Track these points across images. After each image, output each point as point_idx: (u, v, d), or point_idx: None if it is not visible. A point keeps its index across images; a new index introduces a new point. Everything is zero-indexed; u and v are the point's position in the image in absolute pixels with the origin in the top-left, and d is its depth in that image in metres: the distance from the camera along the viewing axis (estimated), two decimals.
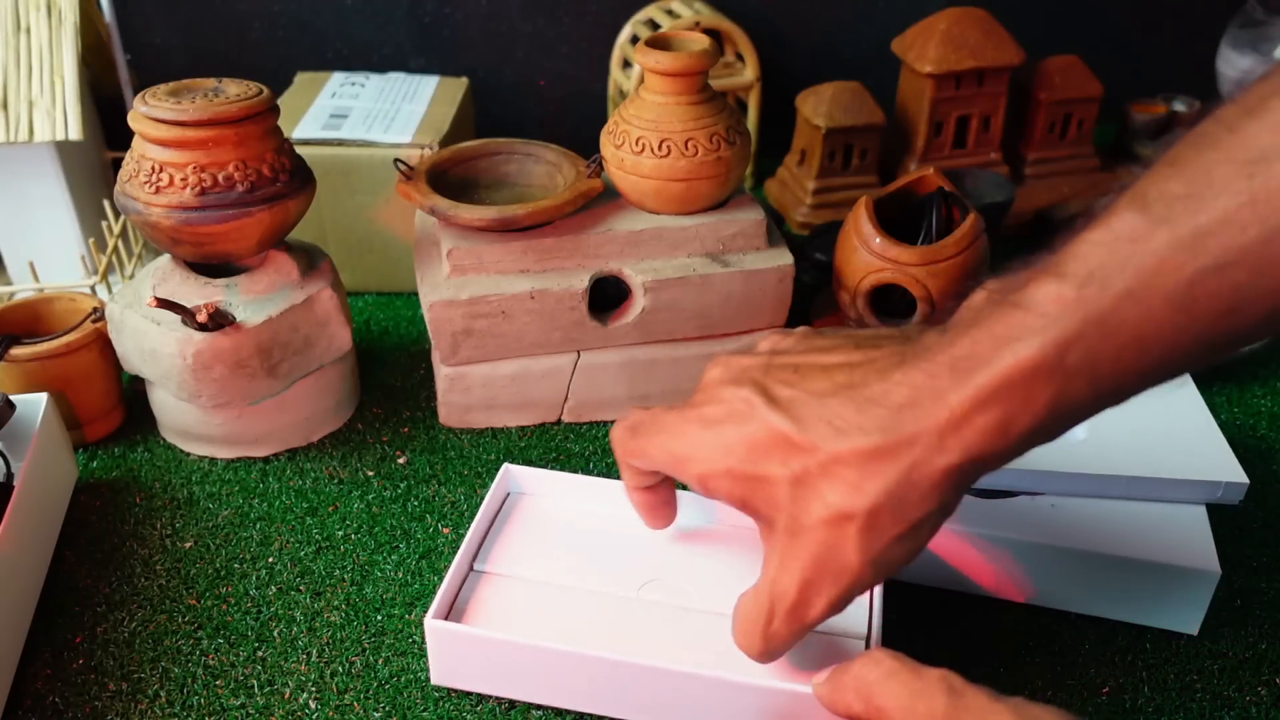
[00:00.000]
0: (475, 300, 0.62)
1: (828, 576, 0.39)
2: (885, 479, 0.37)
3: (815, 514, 0.38)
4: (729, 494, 0.41)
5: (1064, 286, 0.35)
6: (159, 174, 0.57)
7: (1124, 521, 0.52)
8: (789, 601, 0.40)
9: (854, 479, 0.37)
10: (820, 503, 0.38)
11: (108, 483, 0.63)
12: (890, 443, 0.37)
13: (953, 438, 0.36)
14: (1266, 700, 0.48)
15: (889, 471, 0.37)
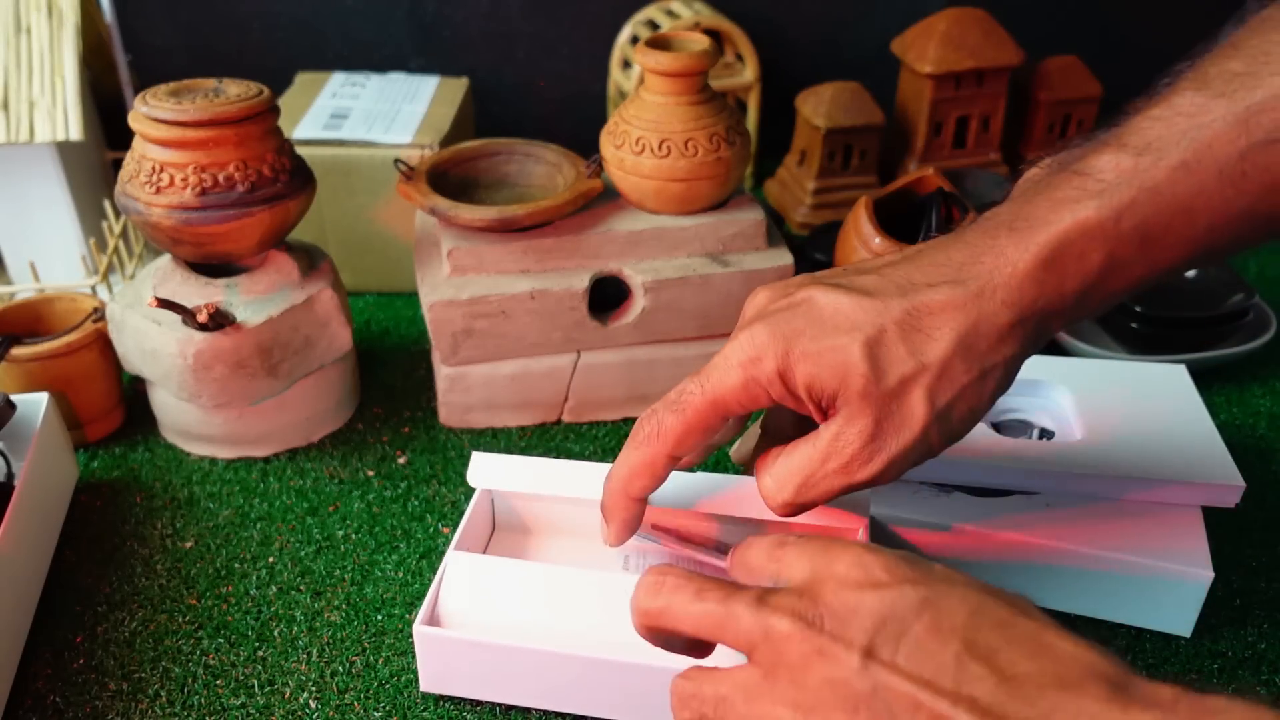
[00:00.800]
0: (475, 300, 0.62)
1: (892, 430, 0.39)
2: (955, 329, 0.39)
3: (890, 371, 0.39)
4: (804, 376, 0.40)
5: (1123, 156, 0.38)
6: (159, 174, 0.57)
7: (1118, 522, 0.52)
8: (849, 452, 0.40)
9: (928, 328, 0.39)
10: (894, 359, 0.39)
11: (108, 482, 0.63)
12: (958, 296, 0.39)
13: (1016, 292, 0.38)
14: (1266, 700, 0.48)
15: (959, 322, 0.39)
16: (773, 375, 0.40)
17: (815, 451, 0.41)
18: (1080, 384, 0.59)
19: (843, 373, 0.39)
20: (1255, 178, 0.36)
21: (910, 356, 0.39)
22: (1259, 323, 0.72)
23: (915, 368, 0.39)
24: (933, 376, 0.39)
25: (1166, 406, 0.57)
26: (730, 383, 0.41)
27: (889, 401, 0.39)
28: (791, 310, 0.41)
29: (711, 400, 0.42)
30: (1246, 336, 0.71)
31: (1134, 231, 0.38)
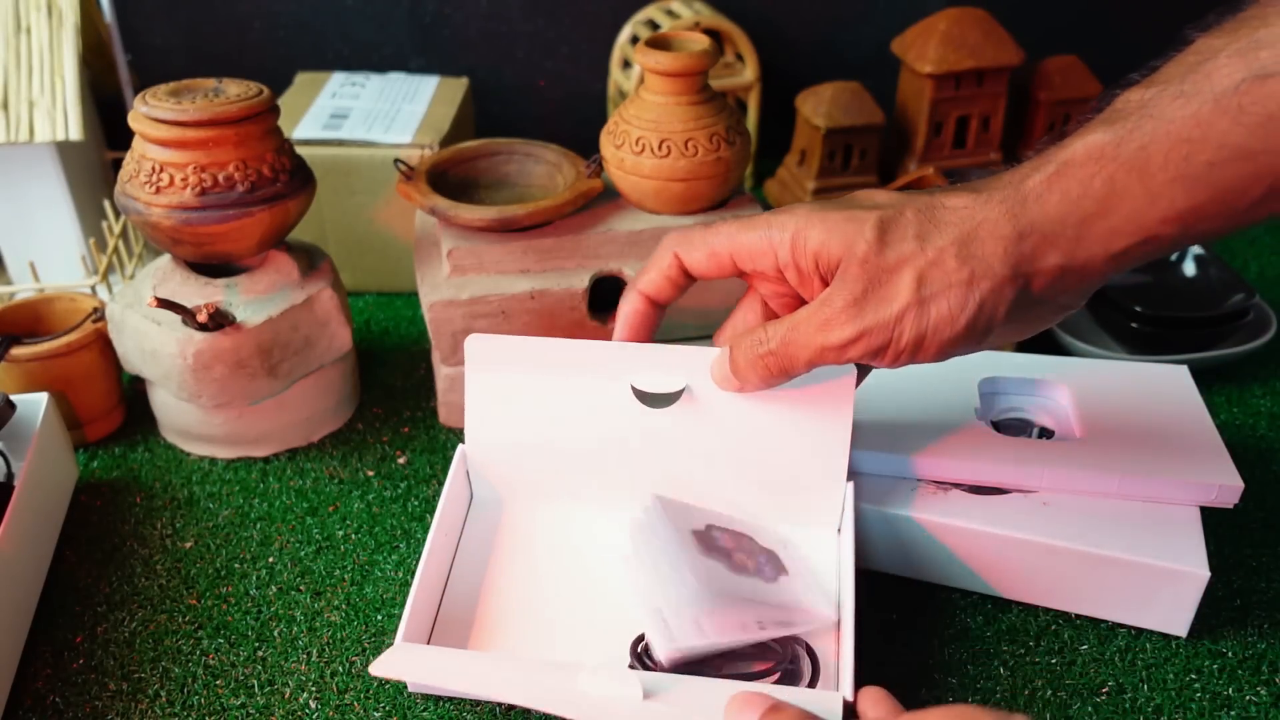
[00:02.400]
0: (475, 300, 0.62)
1: (875, 301, 0.42)
2: (960, 225, 0.41)
3: (892, 246, 0.42)
4: (814, 242, 0.44)
5: (1135, 90, 0.40)
6: (159, 174, 0.57)
7: (1115, 520, 0.52)
8: (829, 311, 0.43)
9: (938, 220, 0.42)
10: (901, 237, 0.42)
11: (108, 483, 0.63)
12: (971, 200, 0.42)
13: (1018, 204, 0.41)
14: (1266, 700, 0.48)
15: (964, 220, 0.41)
16: (786, 238, 0.45)
17: (803, 310, 0.44)
18: (1080, 383, 0.59)
19: (851, 240, 0.42)
20: (1251, 110, 0.36)
21: (915, 239, 0.42)
22: (1259, 323, 0.72)
23: (914, 250, 0.41)
24: (926, 261, 0.41)
25: (1166, 406, 0.57)
26: (753, 236, 0.46)
27: (881, 273, 0.42)
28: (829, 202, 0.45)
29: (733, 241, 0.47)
30: (1246, 336, 0.71)
31: (1134, 156, 0.39)
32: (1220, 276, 0.73)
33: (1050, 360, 0.62)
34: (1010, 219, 0.41)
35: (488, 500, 0.57)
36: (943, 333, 0.42)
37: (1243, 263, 0.86)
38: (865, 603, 0.52)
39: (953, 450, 0.54)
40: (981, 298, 0.41)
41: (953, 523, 0.52)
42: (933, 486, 0.54)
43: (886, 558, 0.54)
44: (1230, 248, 0.89)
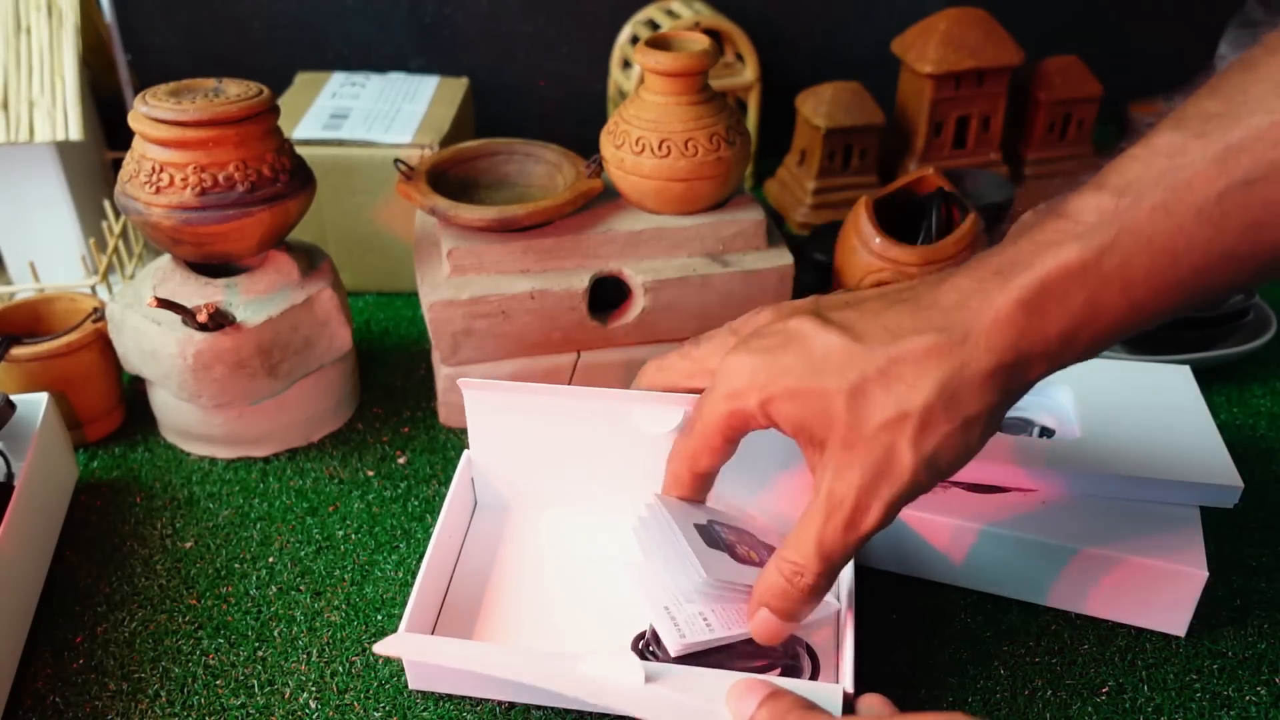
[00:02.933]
0: (475, 300, 0.62)
1: (884, 480, 0.40)
2: (939, 375, 0.39)
3: (872, 420, 0.40)
4: (787, 417, 0.42)
5: (1103, 197, 0.38)
6: (159, 174, 0.57)
7: (1114, 520, 0.52)
8: (848, 507, 0.40)
9: (910, 378, 0.39)
10: (876, 408, 0.40)
11: (108, 483, 0.63)
12: (943, 341, 0.39)
13: (998, 336, 0.39)
14: (1266, 700, 0.48)
15: (943, 368, 0.39)
16: (755, 410, 0.42)
17: (817, 513, 0.41)
18: (1081, 383, 0.59)
19: (827, 420, 0.41)
20: (1235, 217, 0.35)
21: (892, 405, 0.39)
22: (1259, 323, 0.72)
23: (897, 415, 0.39)
24: (915, 425, 0.39)
25: (1167, 406, 0.57)
26: (719, 413, 0.44)
27: (874, 450, 0.40)
28: (784, 346, 0.42)
29: (712, 426, 0.45)
30: (1246, 336, 0.71)
31: (1116, 273, 0.37)
32: None
33: None
34: (988, 354, 0.39)
35: (492, 506, 0.57)
36: (957, 467, 0.41)
37: None
38: (865, 602, 0.52)
39: None
40: (983, 429, 0.40)
41: (953, 522, 0.52)
42: None
43: (886, 557, 0.54)
44: None
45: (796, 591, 0.42)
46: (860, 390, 0.40)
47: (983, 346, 0.39)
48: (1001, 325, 0.39)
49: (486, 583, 0.53)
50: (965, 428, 0.40)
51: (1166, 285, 0.37)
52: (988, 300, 0.39)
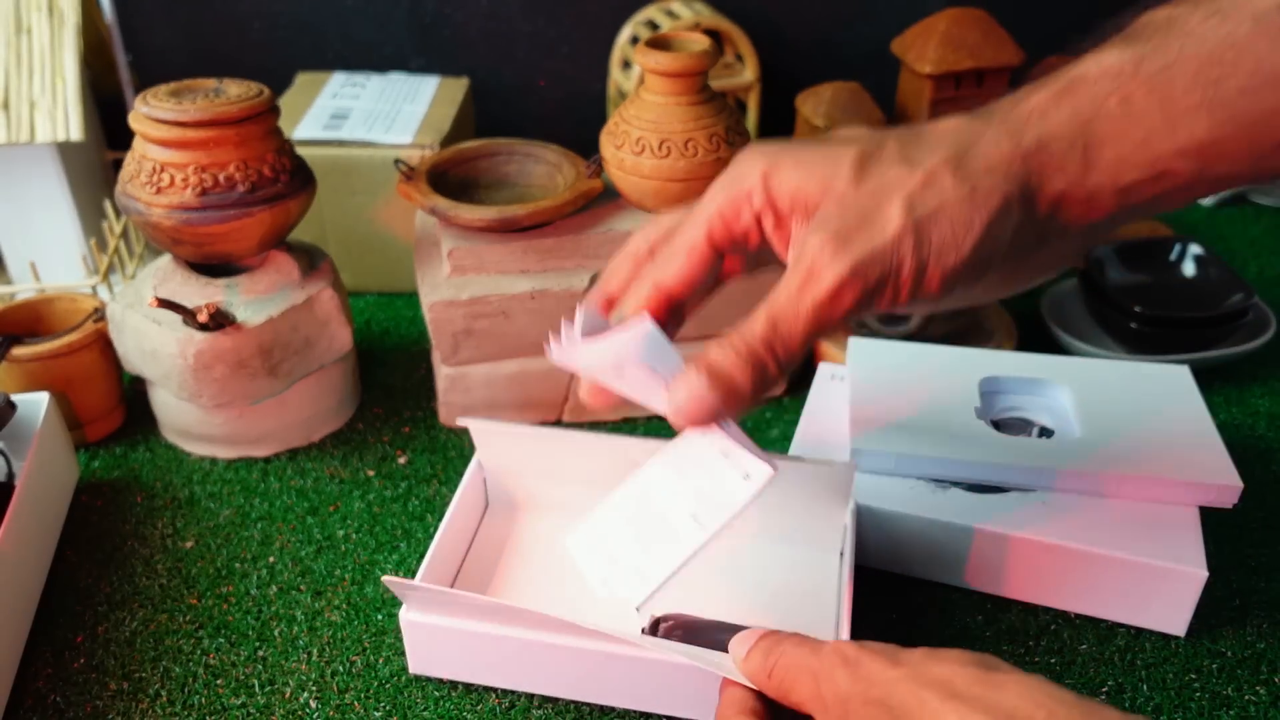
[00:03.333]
0: (475, 300, 0.62)
1: (857, 235, 0.35)
2: (953, 142, 0.36)
3: (873, 177, 0.36)
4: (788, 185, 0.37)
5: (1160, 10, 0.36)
6: (160, 174, 0.57)
7: (1114, 520, 0.52)
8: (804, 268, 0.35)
9: (929, 144, 0.36)
10: (883, 165, 0.36)
11: (109, 482, 0.63)
12: (963, 120, 0.37)
13: (1020, 121, 0.36)
14: (1265, 699, 0.49)
15: (957, 137, 0.36)
16: (757, 181, 0.38)
17: (785, 278, 0.37)
18: (1081, 383, 0.59)
19: (828, 179, 0.37)
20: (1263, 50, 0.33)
21: (900, 164, 0.36)
22: (1259, 323, 0.72)
23: (900, 175, 0.36)
24: (916, 183, 0.35)
25: (1167, 406, 0.57)
26: (715, 196, 0.39)
27: (861, 203, 0.36)
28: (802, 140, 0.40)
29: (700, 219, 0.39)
30: (1246, 336, 0.71)
31: (1157, 76, 0.34)
32: (1219, 276, 0.74)
33: (1050, 360, 0.62)
34: (1010, 136, 0.36)
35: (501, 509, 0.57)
36: (947, 259, 0.36)
37: (1242, 263, 0.86)
38: (865, 602, 0.52)
39: (953, 449, 0.54)
40: (988, 216, 0.35)
41: (952, 522, 0.52)
42: (933, 485, 0.54)
43: (886, 557, 0.54)
44: (1230, 247, 0.89)
45: (737, 360, 0.36)
46: (873, 152, 0.37)
47: (1004, 128, 0.36)
48: (1029, 113, 0.36)
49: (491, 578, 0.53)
50: (971, 200, 0.35)
51: (1206, 105, 0.34)
52: (1023, 96, 0.37)
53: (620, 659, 0.45)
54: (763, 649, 0.38)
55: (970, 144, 0.36)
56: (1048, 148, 0.36)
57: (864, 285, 0.35)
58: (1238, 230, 0.92)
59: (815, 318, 0.36)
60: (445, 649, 0.48)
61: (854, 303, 0.36)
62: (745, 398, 0.37)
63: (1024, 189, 0.36)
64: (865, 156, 0.37)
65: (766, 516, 0.54)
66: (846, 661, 0.35)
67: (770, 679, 0.38)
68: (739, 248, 0.40)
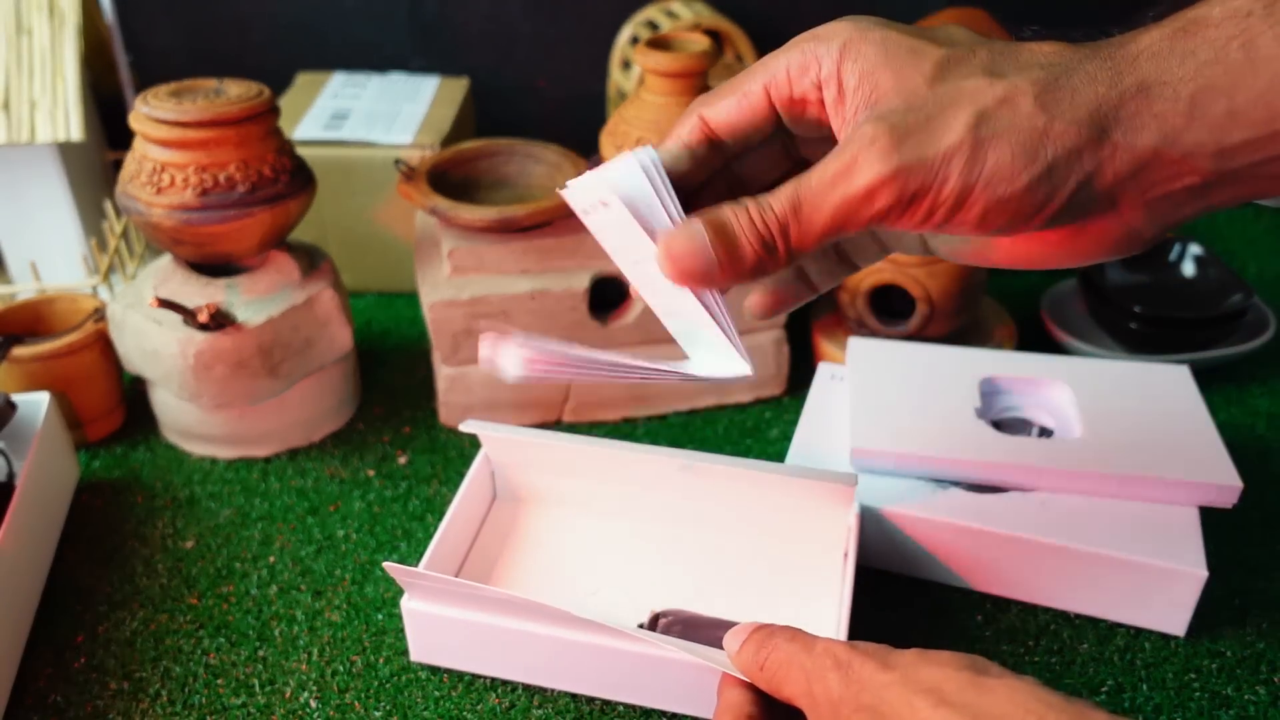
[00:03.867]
0: (476, 300, 0.62)
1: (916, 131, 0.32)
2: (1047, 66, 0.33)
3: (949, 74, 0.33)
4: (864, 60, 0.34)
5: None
6: (160, 174, 0.57)
7: (1114, 520, 0.52)
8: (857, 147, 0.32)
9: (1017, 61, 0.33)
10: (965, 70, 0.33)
11: (109, 482, 0.63)
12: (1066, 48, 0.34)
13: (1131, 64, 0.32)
14: (1264, 699, 0.49)
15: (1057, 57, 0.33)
16: (834, 49, 0.34)
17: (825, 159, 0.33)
18: (1080, 383, 0.59)
19: (905, 70, 0.33)
20: None
21: (984, 74, 0.32)
22: (1258, 323, 0.72)
23: (980, 85, 0.32)
24: (993, 99, 0.32)
25: (1167, 406, 0.57)
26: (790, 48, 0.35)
27: (931, 106, 0.32)
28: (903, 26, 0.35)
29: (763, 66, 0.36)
30: (1246, 336, 0.71)
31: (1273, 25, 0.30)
32: (1219, 277, 0.74)
33: (1050, 360, 0.62)
34: (1111, 74, 0.32)
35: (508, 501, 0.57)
36: (996, 189, 0.32)
37: (1241, 263, 0.86)
38: (864, 602, 0.52)
39: (953, 449, 0.54)
40: (1054, 156, 0.32)
41: (953, 522, 0.52)
42: (932, 485, 0.54)
43: (886, 556, 0.55)
44: (1230, 248, 0.89)
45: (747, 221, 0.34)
46: (961, 56, 0.33)
47: (1110, 63, 0.32)
48: (1139, 49, 0.32)
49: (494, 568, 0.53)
50: (1040, 133, 0.32)
51: None
52: (1137, 34, 0.33)
53: (620, 653, 0.45)
54: (755, 642, 0.39)
55: (1064, 73, 0.32)
56: (1149, 92, 0.32)
57: (901, 191, 0.33)
58: (1238, 230, 0.92)
59: (842, 212, 0.33)
60: (447, 638, 0.48)
61: (886, 208, 0.33)
62: (744, 269, 0.34)
63: (1108, 135, 0.32)
64: (950, 59, 0.33)
65: (769, 518, 0.54)
66: (838, 664, 0.36)
67: (762, 672, 0.38)
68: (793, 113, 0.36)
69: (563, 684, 0.48)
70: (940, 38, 0.34)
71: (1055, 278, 0.80)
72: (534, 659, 0.48)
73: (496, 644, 0.48)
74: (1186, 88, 0.31)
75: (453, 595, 0.47)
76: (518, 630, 0.46)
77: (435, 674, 0.50)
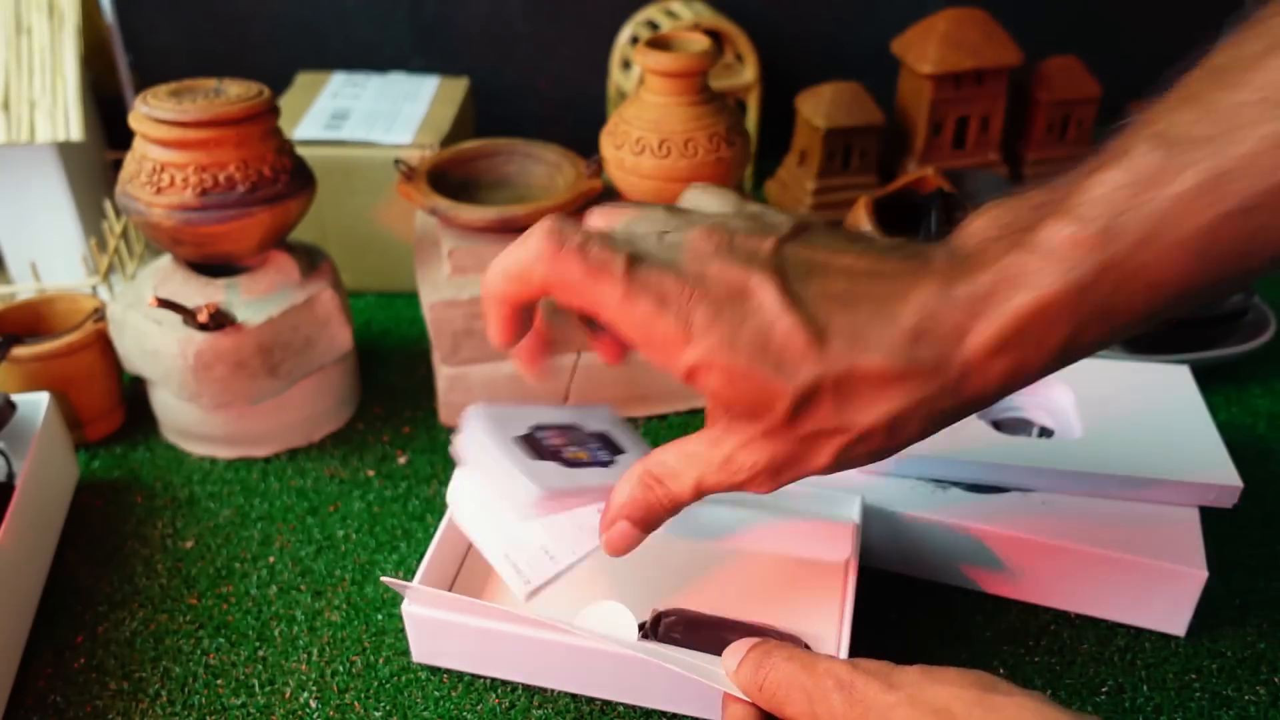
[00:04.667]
0: (476, 300, 0.62)
1: (789, 467, 0.38)
2: (896, 404, 0.36)
3: (807, 426, 0.37)
4: (716, 389, 0.37)
5: (1080, 229, 0.34)
6: (160, 174, 0.57)
7: (1114, 520, 0.52)
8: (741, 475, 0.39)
9: (866, 397, 0.36)
10: (819, 417, 0.37)
11: (109, 482, 0.63)
12: (907, 369, 0.36)
13: (966, 381, 0.36)
14: (1265, 699, 0.49)
15: (902, 398, 0.36)
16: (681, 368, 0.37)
17: (708, 461, 0.39)
18: (1081, 383, 0.59)
19: (760, 409, 0.37)
20: (1225, 246, 0.33)
21: (836, 416, 0.37)
22: (1258, 323, 0.72)
23: (836, 426, 0.37)
24: (850, 438, 0.37)
25: (1167, 406, 0.57)
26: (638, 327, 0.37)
27: (794, 446, 0.38)
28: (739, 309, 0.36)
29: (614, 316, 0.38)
30: (1246, 336, 0.71)
31: (1096, 310, 0.35)
32: None
33: None
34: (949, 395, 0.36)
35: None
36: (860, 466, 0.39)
37: None
38: (865, 602, 0.52)
39: (953, 449, 0.54)
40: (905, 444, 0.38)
41: (953, 522, 0.52)
42: (932, 485, 0.54)
43: (886, 556, 0.55)
44: None
45: (662, 509, 0.41)
46: (809, 396, 0.36)
47: (948, 388, 0.36)
48: (973, 368, 0.36)
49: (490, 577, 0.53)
50: (898, 444, 0.38)
51: (1147, 312, 0.35)
52: (960, 339, 0.35)
53: (620, 658, 0.45)
54: (753, 660, 0.39)
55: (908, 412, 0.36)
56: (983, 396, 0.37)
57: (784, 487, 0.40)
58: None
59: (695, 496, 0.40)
60: (447, 642, 0.48)
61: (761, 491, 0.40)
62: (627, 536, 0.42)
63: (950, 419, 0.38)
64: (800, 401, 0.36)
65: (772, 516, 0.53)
66: (841, 685, 0.36)
67: (762, 692, 0.38)
68: None
69: (564, 685, 0.48)
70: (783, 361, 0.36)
71: None
72: (535, 661, 0.48)
73: (497, 648, 0.48)
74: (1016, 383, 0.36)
75: (449, 607, 0.47)
76: (518, 636, 0.46)
77: (435, 674, 0.50)
